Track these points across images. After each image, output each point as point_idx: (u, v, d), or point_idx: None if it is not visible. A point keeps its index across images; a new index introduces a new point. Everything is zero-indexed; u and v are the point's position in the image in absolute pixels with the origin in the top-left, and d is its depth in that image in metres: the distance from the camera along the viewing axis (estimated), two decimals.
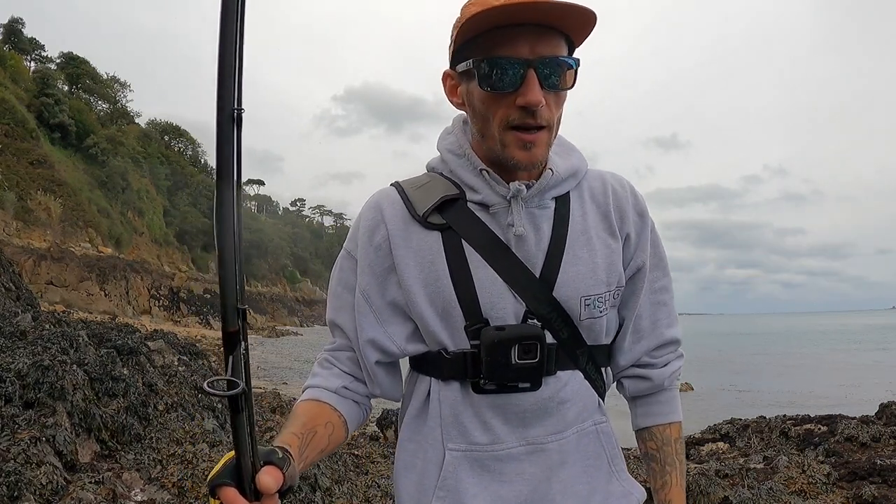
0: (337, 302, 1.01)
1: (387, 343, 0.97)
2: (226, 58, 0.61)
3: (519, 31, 0.85)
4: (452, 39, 0.91)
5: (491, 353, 0.89)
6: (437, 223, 0.94)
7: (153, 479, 3.59)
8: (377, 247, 0.97)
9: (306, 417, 0.92)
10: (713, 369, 23.19)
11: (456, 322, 0.92)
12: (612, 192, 1.00)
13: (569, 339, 0.94)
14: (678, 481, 1.02)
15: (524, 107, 0.86)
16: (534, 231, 0.93)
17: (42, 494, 2.98)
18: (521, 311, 0.91)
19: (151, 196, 56.83)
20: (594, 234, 0.97)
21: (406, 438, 1.00)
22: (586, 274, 0.94)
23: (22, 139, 41.89)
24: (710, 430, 7.27)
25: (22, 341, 4.68)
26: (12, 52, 51.49)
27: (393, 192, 1.00)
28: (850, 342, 42.32)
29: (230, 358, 0.64)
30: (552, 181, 0.94)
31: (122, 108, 64.30)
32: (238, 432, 0.67)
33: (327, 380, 0.99)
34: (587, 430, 0.96)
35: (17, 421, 3.39)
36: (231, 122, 0.61)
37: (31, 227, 38.59)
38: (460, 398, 0.93)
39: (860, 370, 21.46)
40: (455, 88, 0.96)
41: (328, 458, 4.63)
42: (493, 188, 0.93)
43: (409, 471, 0.98)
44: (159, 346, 6.01)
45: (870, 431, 5.66)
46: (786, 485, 4.51)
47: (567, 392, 0.94)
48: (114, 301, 41.93)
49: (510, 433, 0.93)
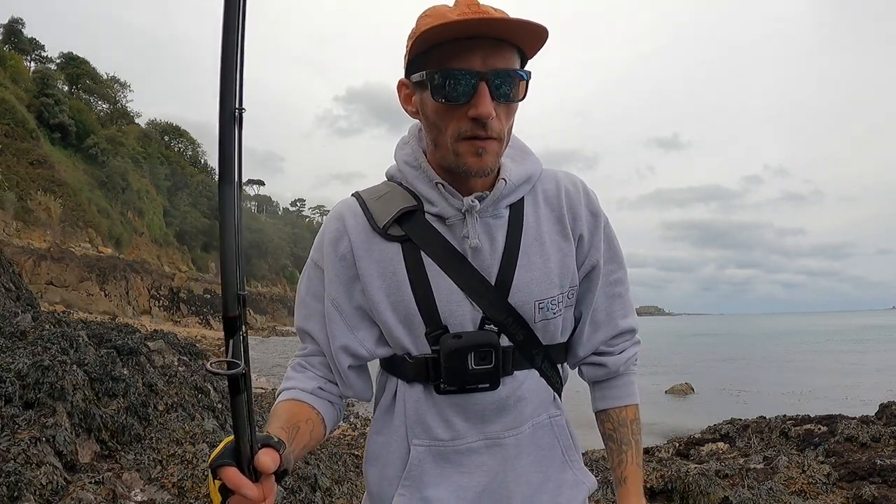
0: (306, 310, 1.06)
1: (358, 348, 1.02)
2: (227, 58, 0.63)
3: (472, 44, 0.87)
4: (407, 50, 0.93)
5: (449, 360, 0.95)
6: (397, 235, 0.99)
7: (153, 479, 3.59)
8: (342, 257, 1.01)
9: (288, 414, 0.96)
10: (713, 369, 23.20)
11: (417, 329, 0.98)
12: (566, 194, 1.04)
13: (524, 342, 0.99)
14: (634, 459, 1.07)
15: (475, 118, 0.89)
16: (489, 241, 0.98)
17: (42, 495, 2.98)
18: (479, 317, 0.96)
19: (151, 196, 56.83)
20: (547, 238, 1.01)
21: (375, 432, 1.06)
22: (540, 279, 0.99)
23: (22, 139, 41.90)
24: (710, 430, 7.27)
25: (22, 341, 4.68)
26: (12, 53, 51.50)
27: (354, 204, 1.04)
28: (850, 342, 42.30)
29: (230, 341, 0.67)
30: (506, 190, 0.98)
31: (122, 108, 64.30)
32: (237, 414, 0.70)
33: (302, 382, 1.04)
34: (542, 423, 1.02)
35: (17, 421, 3.39)
36: (232, 120, 0.64)
37: (31, 228, 38.60)
38: (423, 398, 0.99)
39: (860, 370, 21.44)
40: (409, 97, 0.99)
41: (328, 458, 4.63)
42: (448, 201, 0.97)
43: (376, 461, 1.05)
44: (159, 346, 6.02)
45: (870, 431, 5.66)
46: (786, 485, 4.51)
47: (524, 390, 1.00)
48: (114, 301, 41.93)
49: (470, 429, 0.98)
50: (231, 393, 0.69)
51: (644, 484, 1.12)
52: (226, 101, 0.63)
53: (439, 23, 0.85)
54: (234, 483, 0.70)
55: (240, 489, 0.71)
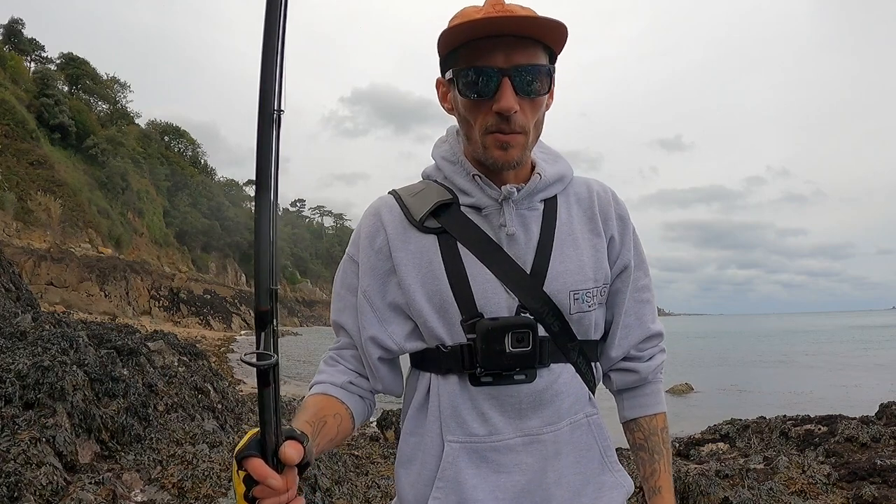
0: (340, 303, 1.07)
1: (387, 340, 1.02)
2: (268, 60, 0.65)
3: (496, 41, 0.91)
4: (438, 50, 0.98)
5: (486, 341, 0.94)
6: (433, 227, 1.00)
7: (153, 479, 3.59)
8: (378, 250, 1.02)
9: (316, 408, 0.97)
10: (713, 369, 23.20)
11: (453, 318, 0.97)
12: (598, 196, 1.07)
13: (560, 333, 0.99)
14: (666, 468, 1.07)
15: (499, 112, 0.92)
16: (524, 231, 0.99)
17: (42, 495, 2.98)
18: (514, 305, 0.96)
19: (151, 196, 56.86)
20: (580, 235, 1.03)
21: (408, 433, 1.04)
22: (574, 270, 1.00)
23: (22, 140, 41.91)
24: (710, 431, 7.27)
25: (22, 342, 4.69)
26: (12, 53, 51.55)
27: (391, 200, 1.07)
28: (850, 342, 42.30)
29: (262, 334, 0.69)
30: (540, 184, 1.01)
31: (122, 108, 64.38)
32: (264, 405, 0.72)
33: (333, 376, 1.05)
34: (580, 422, 1.01)
35: (17, 421, 3.39)
36: (271, 122, 0.66)
37: (31, 228, 38.61)
38: (458, 391, 0.97)
39: (860, 370, 21.43)
40: (445, 95, 1.03)
41: (328, 458, 4.63)
42: (484, 191, 1.00)
43: (410, 463, 1.02)
44: (159, 346, 6.02)
45: (870, 432, 5.66)
46: (786, 485, 4.51)
47: (560, 384, 0.99)
48: (114, 301, 41.94)
49: (507, 424, 0.97)
50: (259, 384, 0.71)
51: None
52: (265, 103, 0.66)
53: (463, 21, 0.90)
54: (260, 473, 0.72)
55: (265, 479, 0.72)
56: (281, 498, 0.75)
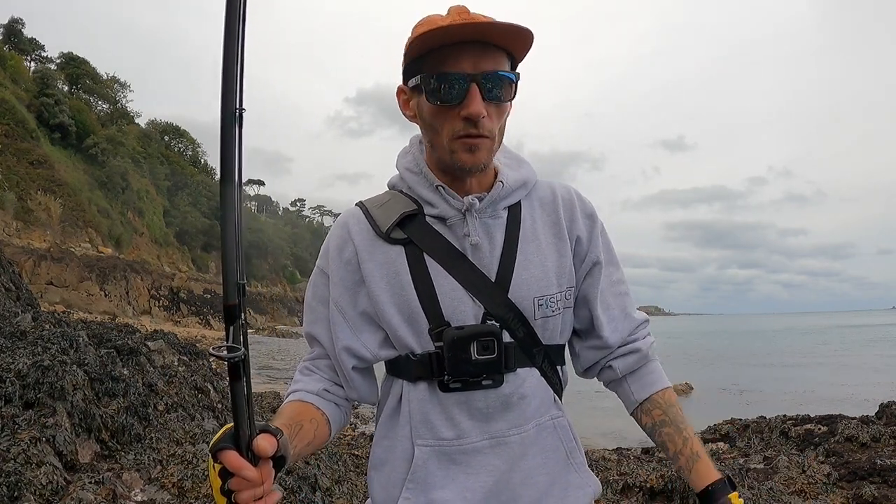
0: (312, 315, 1.10)
1: (361, 349, 1.05)
2: (228, 58, 0.67)
3: (463, 48, 0.93)
4: (403, 56, 0.99)
5: (452, 350, 0.96)
6: (399, 238, 1.03)
7: (153, 479, 3.59)
8: (346, 262, 1.05)
9: (292, 413, 1.00)
10: (713, 369, 23.18)
11: (421, 327, 1.00)
12: (561, 199, 1.09)
13: (525, 338, 1.02)
14: (693, 435, 1.06)
15: (467, 118, 0.94)
16: (488, 240, 1.02)
17: (42, 495, 2.98)
18: (480, 313, 0.99)
19: (151, 196, 56.84)
20: (544, 240, 1.05)
21: (381, 436, 1.07)
22: (538, 276, 1.02)
23: (22, 139, 41.90)
24: (710, 430, 7.28)
25: (22, 341, 4.68)
26: (12, 52, 51.51)
27: (358, 212, 1.09)
28: (850, 342, 42.29)
29: (230, 328, 0.71)
30: (503, 192, 1.03)
31: (122, 108, 64.29)
32: (237, 399, 0.74)
33: (309, 384, 1.07)
34: (545, 424, 1.04)
35: (17, 421, 3.39)
36: (233, 121, 0.68)
37: (31, 228, 38.61)
38: (428, 397, 1.00)
39: (860, 370, 21.41)
40: (407, 103, 1.04)
41: (328, 458, 4.63)
42: (448, 202, 1.02)
43: (382, 466, 1.06)
44: (159, 346, 6.02)
45: (870, 431, 5.66)
46: (786, 485, 4.51)
47: (526, 388, 1.01)
48: (114, 301, 41.93)
49: (474, 428, 0.99)
50: (230, 378, 0.73)
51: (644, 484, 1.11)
52: (227, 102, 0.67)
53: (430, 28, 0.91)
54: (234, 465, 0.74)
55: (239, 471, 0.74)
56: (256, 490, 0.76)
